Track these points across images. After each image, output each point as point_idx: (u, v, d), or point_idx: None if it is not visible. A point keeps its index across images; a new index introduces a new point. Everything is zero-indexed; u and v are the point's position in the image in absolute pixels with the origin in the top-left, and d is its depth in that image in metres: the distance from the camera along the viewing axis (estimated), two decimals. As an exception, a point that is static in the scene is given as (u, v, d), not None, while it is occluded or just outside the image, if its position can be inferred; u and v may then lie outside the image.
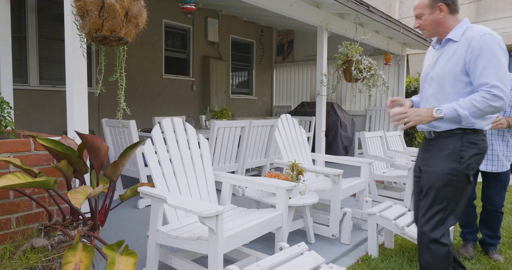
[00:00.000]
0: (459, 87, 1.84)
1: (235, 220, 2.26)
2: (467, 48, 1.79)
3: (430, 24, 1.92)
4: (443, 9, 1.87)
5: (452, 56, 1.85)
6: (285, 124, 3.63)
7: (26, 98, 5.36)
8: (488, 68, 1.74)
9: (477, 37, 1.77)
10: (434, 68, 1.94)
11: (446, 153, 1.88)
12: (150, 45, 6.87)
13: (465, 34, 1.84)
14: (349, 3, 4.26)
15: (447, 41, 1.89)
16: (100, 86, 2.15)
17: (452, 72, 1.84)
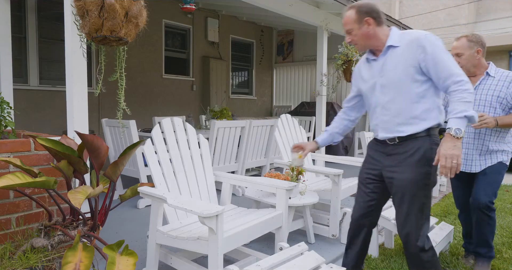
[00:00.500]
0: (416, 86, 1.88)
1: (235, 220, 2.26)
2: (415, 48, 1.85)
3: (361, 38, 1.96)
4: (370, 23, 1.93)
5: (400, 60, 1.89)
6: (285, 124, 3.63)
7: (26, 98, 5.36)
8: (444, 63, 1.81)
9: (423, 37, 1.85)
10: (382, 75, 1.95)
11: (416, 158, 1.87)
12: (150, 45, 6.87)
13: (404, 38, 1.91)
14: (349, 3, 4.26)
15: (388, 48, 1.94)
16: (100, 86, 2.15)
17: (406, 74, 1.87)
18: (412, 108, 1.88)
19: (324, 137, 2.32)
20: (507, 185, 5.46)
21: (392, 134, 1.93)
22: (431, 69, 1.83)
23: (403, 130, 1.90)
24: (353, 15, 1.94)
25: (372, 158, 2.07)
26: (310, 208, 3.20)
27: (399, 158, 1.92)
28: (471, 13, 13.59)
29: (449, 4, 14.01)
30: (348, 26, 1.97)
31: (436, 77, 1.84)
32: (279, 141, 3.45)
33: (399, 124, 1.91)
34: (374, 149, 2.08)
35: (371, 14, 1.93)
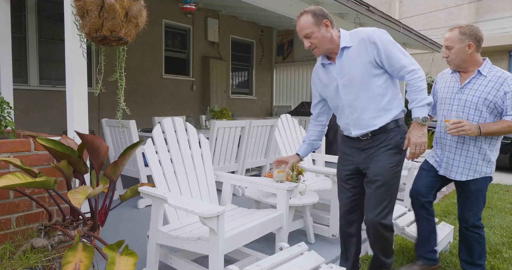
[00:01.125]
0: (376, 80, 1.97)
1: (235, 220, 2.26)
2: (368, 45, 1.93)
3: (320, 41, 1.98)
4: (328, 25, 1.98)
5: (356, 58, 1.96)
6: (285, 124, 3.63)
7: (26, 98, 5.36)
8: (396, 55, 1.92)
9: (371, 34, 1.93)
10: (342, 76, 2.01)
11: (389, 147, 2.00)
12: (150, 45, 6.87)
13: (354, 37, 1.98)
14: (349, 3, 4.26)
15: (343, 50, 1.99)
16: (100, 86, 2.15)
17: (365, 70, 1.95)
18: (377, 101, 1.99)
19: (304, 148, 2.41)
20: (507, 185, 5.46)
21: (365, 130, 2.03)
22: (385, 62, 1.94)
23: (375, 124, 2.00)
24: (310, 18, 1.97)
25: (347, 155, 2.17)
26: (310, 208, 3.20)
27: (372, 150, 2.03)
28: (471, 13, 13.58)
29: (449, 4, 14.01)
30: (307, 30, 1.98)
31: (390, 69, 1.96)
32: (279, 141, 3.44)
33: (369, 119, 2.01)
34: (348, 145, 2.17)
35: (326, 17, 2.00)
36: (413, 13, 14.88)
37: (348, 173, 2.16)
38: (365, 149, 2.06)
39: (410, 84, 1.92)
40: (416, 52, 13.02)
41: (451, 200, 4.43)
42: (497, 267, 2.60)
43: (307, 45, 2.02)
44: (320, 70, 2.16)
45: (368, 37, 1.93)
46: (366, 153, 2.06)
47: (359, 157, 2.09)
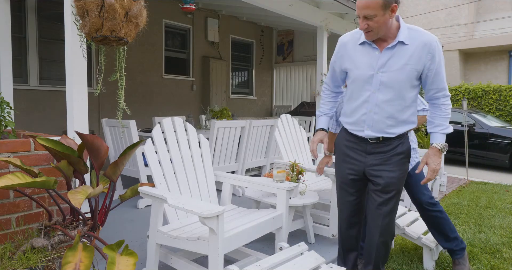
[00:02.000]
0: (411, 91, 1.87)
1: (235, 220, 2.26)
2: (426, 53, 1.78)
3: (381, 26, 1.73)
4: (395, 10, 1.72)
5: (409, 61, 1.79)
6: (285, 124, 3.63)
7: (26, 98, 5.36)
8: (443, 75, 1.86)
9: (434, 44, 1.79)
10: (384, 71, 1.81)
11: (402, 156, 1.94)
12: (150, 45, 6.87)
13: (414, 37, 1.79)
14: (349, 3, 4.26)
15: (397, 44, 1.79)
16: (100, 86, 2.15)
17: (409, 77, 1.81)
18: (404, 112, 1.90)
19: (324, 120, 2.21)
20: (507, 185, 5.46)
21: (380, 134, 1.91)
22: (430, 78, 1.84)
23: (392, 132, 1.92)
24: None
25: (351, 157, 2.02)
26: (310, 208, 3.20)
27: (384, 156, 1.94)
28: (471, 13, 13.59)
29: (449, 4, 14.01)
30: (371, 11, 1.68)
31: (430, 86, 1.88)
32: (279, 141, 3.45)
33: (389, 126, 1.90)
34: (350, 147, 2.02)
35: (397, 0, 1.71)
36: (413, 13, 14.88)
37: (353, 178, 2.04)
38: (373, 153, 1.95)
39: (441, 109, 1.91)
40: (416, 52, 13.02)
41: (451, 200, 4.43)
42: (497, 267, 2.60)
43: (364, 27, 1.74)
44: (356, 46, 1.89)
45: (430, 45, 1.78)
46: (375, 158, 1.95)
47: (365, 161, 1.97)
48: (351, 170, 2.03)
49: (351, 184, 2.06)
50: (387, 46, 1.81)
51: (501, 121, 8.36)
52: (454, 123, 8.03)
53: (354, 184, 2.06)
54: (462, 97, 10.80)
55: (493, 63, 13.25)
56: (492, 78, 13.12)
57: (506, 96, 10.05)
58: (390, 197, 1.95)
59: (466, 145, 6.14)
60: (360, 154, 1.99)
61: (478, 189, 5.15)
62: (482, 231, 3.33)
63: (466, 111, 6.27)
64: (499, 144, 7.30)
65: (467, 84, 11.03)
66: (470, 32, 13.58)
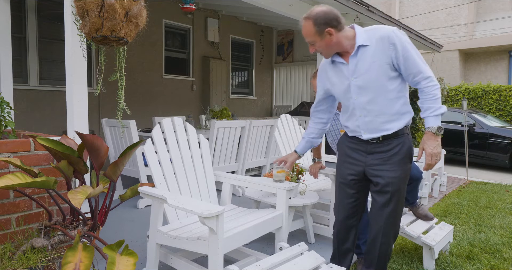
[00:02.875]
0: (392, 83, 1.89)
1: (235, 220, 2.26)
2: (387, 46, 1.84)
3: (325, 48, 1.90)
4: (332, 33, 1.84)
5: (373, 58, 1.86)
6: (285, 124, 3.63)
7: (26, 98, 5.36)
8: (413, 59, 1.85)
9: (391, 35, 1.83)
10: (356, 77, 1.91)
11: (402, 156, 1.94)
12: (150, 45, 6.87)
13: (372, 36, 1.87)
14: (349, 3, 4.26)
15: (359, 48, 1.89)
16: (100, 86, 2.15)
17: (381, 72, 1.86)
18: (392, 105, 1.92)
19: (303, 145, 2.35)
20: (507, 185, 5.46)
21: (378, 134, 1.94)
22: (402, 65, 1.87)
23: (389, 128, 1.93)
24: (311, 27, 1.84)
25: (352, 158, 2.05)
26: (310, 208, 3.20)
27: (384, 156, 1.95)
28: (471, 13, 13.58)
29: (449, 4, 14.01)
30: (310, 39, 1.89)
31: (406, 73, 1.89)
32: (278, 141, 3.44)
33: (383, 123, 1.93)
34: (352, 148, 2.06)
35: (330, 23, 1.83)
36: (413, 13, 14.88)
37: (354, 178, 2.05)
38: (373, 153, 1.97)
39: (425, 92, 1.86)
40: (416, 52, 13.02)
41: (451, 200, 4.43)
42: (497, 267, 2.60)
43: (312, 50, 1.94)
44: (329, 67, 2.04)
45: (388, 37, 1.83)
46: (375, 157, 1.96)
47: (366, 161, 1.99)
48: (352, 171, 2.05)
49: (351, 185, 2.07)
50: (350, 55, 1.92)
51: (501, 121, 8.36)
52: (454, 123, 8.03)
53: (354, 186, 2.07)
54: (462, 97, 10.80)
55: (493, 63, 13.25)
56: (492, 78, 13.12)
57: (506, 96, 10.05)
58: (391, 198, 1.94)
59: (466, 145, 6.14)
60: (361, 154, 2.01)
61: (478, 189, 5.14)
62: (482, 231, 3.33)
63: (466, 111, 6.27)
64: (499, 144, 7.31)
65: (467, 84, 11.03)
66: (470, 32, 13.58)
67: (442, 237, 2.64)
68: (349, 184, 2.08)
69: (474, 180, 5.84)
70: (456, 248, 2.91)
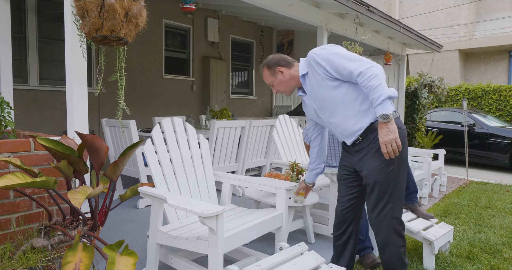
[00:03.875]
0: (338, 91, 2.02)
1: (235, 220, 2.26)
2: (314, 66, 2.05)
3: (282, 86, 2.21)
4: (282, 71, 2.18)
5: (314, 81, 2.08)
6: (283, 124, 3.63)
7: (26, 98, 5.36)
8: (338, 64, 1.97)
9: (312, 56, 2.06)
10: (313, 100, 2.15)
11: (375, 148, 1.99)
12: (150, 45, 6.86)
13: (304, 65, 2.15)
14: (349, 3, 4.26)
15: (304, 77, 2.15)
16: (100, 86, 2.15)
17: (326, 87, 2.03)
18: (351, 107, 2.01)
19: (309, 176, 2.47)
20: (507, 185, 5.46)
21: (354, 136, 2.06)
22: (335, 74, 1.99)
23: (359, 128, 2.02)
24: (266, 72, 2.22)
25: (346, 156, 2.21)
26: (310, 208, 3.20)
27: (363, 151, 2.05)
28: (471, 13, 13.58)
29: (449, 4, 14.01)
30: (268, 81, 2.24)
31: (342, 78, 2.00)
32: (277, 141, 3.45)
33: (351, 126, 2.03)
34: (345, 148, 2.23)
35: (279, 63, 2.19)
36: (413, 13, 14.88)
37: (346, 173, 2.19)
38: (358, 151, 2.08)
39: (363, 86, 1.91)
40: (416, 52, 13.02)
41: (451, 200, 4.43)
42: (497, 267, 2.60)
43: (275, 91, 2.26)
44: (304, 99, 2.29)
45: (311, 60, 2.05)
46: (359, 155, 2.08)
47: (354, 159, 2.12)
48: (345, 166, 2.22)
49: (344, 179, 2.22)
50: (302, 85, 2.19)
51: (501, 121, 8.36)
52: (454, 123, 8.03)
53: (346, 180, 2.20)
54: (462, 97, 10.80)
55: (493, 63, 13.25)
56: (492, 78, 13.12)
57: (506, 96, 10.05)
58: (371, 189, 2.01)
59: (466, 145, 6.14)
60: (350, 153, 2.16)
61: (478, 189, 5.15)
62: (482, 231, 3.33)
63: (466, 111, 6.27)
64: (499, 144, 7.31)
65: (467, 84, 11.03)
66: (470, 32, 13.58)
67: (442, 234, 2.64)
68: (342, 179, 2.23)
69: (474, 180, 5.84)
70: (456, 248, 2.91)
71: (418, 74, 7.48)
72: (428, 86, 7.11)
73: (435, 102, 10.65)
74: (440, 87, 7.05)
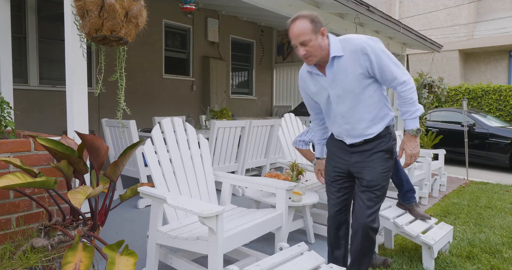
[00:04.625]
0: (368, 90, 1.96)
1: (235, 220, 2.26)
2: (361, 57, 1.87)
3: (317, 50, 1.88)
4: (324, 33, 1.89)
5: (348, 69, 1.91)
6: (289, 123, 3.63)
7: (26, 98, 5.36)
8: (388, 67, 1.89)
9: (364, 46, 1.87)
10: (334, 87, 1.96)
11: (382, 154, 2.01)
12: (150, 45, 6.86)
13: (346, 47, 1.90)
14: (349, 3, 4.25)
15: (333, 60, 1.92)
16: (100, 86, 2.15)
17: (356, 82, 1.92)
18: (370, 111, 1.98)
19: (319, 149, 2.40)
20: (507, 185, 5.46)
21: (360, 138, 2.02)
22: (377, 73, 1.92)
23: (370, 133, 2.00)
24: (308, 25, 1.83)
25: (336, 156, 2.15)
26: (310, 208, 3.20)
27: (365, 154, 2.03)
28: (471, 13, 13.58)
29: (449, 4, 14.01)
30: (305, 37, 1.83)
31: (382, 80, 1.94)
32: (282, 140, 3.45)
33: (363, 129, 2.00)
34: (337, 146, 2.15)
35: (322, 24, 1.88)
36: (413, 13, 14.88)
37: (337, 174, 2.15)
38: (356, 152, 2.06)
39: (402, 96, 1.93)
40: (416, 52, 13.02)
41: (451, 200, 4.43)
42: (497, 267, 2.60)
43: (303, 53, 1.88)
44: (307, 77, 2.09)
45: (360, 49, 1.87)
46: (358, 156, 2.05)
47: (350, 160, 2.08)
48: (336, 168, 2.15)
49: (334, 180, 2.17)
50: (326, 66, 1.96)
51: (501, 121, 8.35)
52: (454, 123, 8.03)
53: (338, 182, 2.16)
54: (462, 97, 10.79)
55: (493, 63, 13.25)
56: (492, 78, 13.12)
57: (506, 96, 10.04)
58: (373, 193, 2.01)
59: (466, 145, 6.14)
60: (344, 153, 2.11)
61: (478, 189, 5.15)
62: (482, 231, 3.33)
63: (466, 111, 6.27)
64: (499, 144, 7.30)
65: (467, 84, 11.03)
66: (470, 32, 13.57)
67: (441, 237, 2.64)
68: (333, 180, 2.18)
69: (474, 180, 5.84)
70: (456, 248, 2.91)
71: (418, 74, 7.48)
72: (428, 86, 7.11)
73: (435, 102, 10.65)
74: (440, 87, 7.05)
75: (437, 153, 4.98)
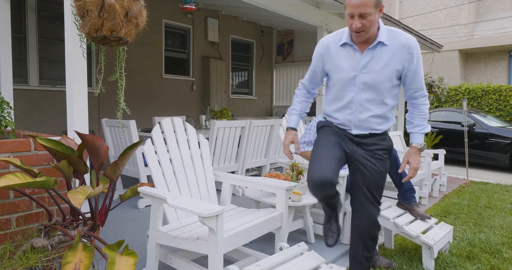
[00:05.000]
0: (393, 89, 1.94)
1: (235, 220, 2.26)
2: (406, 54, 1.84)
3: (372, 26, 1.76)
4: (382, 10, 1.79)
5: (389, 61, 1.84)
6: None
7: (26, 98, 5.36)
8: (421, 75, 1.92)
9: (412, 45, 1.84)
10: (366, 72, 1.86)
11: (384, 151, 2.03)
12: (150, 45, 6.86)
13: (393, 38, 1.84)
14: (349, 3, 4.25)
15: (377, 44, 1.84)
16: (100, 86, 2.15)
17: (390, 77, 1.88)
18: (386, 109, 1.98)
19: (296, 119, 2.20)
20: (507, 185, 5.46)
21: (367, 131, 1.99)
22: (409, 78, 1.89)
23: (379, 129, 1.99)
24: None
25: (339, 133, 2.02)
26: (310, 208, 3.19)
27: (368, 149, 1.99)
28: (471, 13, 13.58)
29: (449, 4, 14.01)
30: (367, 9, 1.70)
31: (409, 86, 1.93)
32: (283, 140, 3.44)
33: (375, 123, 1.98)
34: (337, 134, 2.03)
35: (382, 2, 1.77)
36: (413, 13, 14.88)
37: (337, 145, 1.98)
38: (358, 144, 2.01)
39: (419, 109, 1.95)
40: (416, 52, 13.01)
41: (451, 200, 4.43)
42: (497, 267, 2.60)
43: (358, 26, 1.73)
44: (337, 49, 1.92)
45: (409, 46, 1.82)
46: (361, 149, 1.99)
47: (353, 147, 2.00)
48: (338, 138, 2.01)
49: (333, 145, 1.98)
50: (368, 47, 1.86)
51: (501, 121, 8.35)
52: (454, 123, 8.03)
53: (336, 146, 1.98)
54: (462, 97, 10.79)
55: (493, 63, 13.25)
56: (492, 78, 13.12)
57: (506, 96, 10.04)
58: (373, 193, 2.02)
59: (466, 145, 6.14)
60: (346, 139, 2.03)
61: (478, 189, 5.15)
62: (482, 231, 3.33)
63: (466, 111, 6.27)
64: (499, 144, 7.30)
65: (467, 84, 11.02)
66: (470, 32, 13.58)
67: (441, 237, 2.64)
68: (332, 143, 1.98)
69: (474, 180, 5.84)
70: (456, 248, 2.91)
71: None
72: (428, 86, 7.11)
73: (435, 102, 10.65)
74: (440, 87, 7.05)
75: (437, 153, 4.98)
